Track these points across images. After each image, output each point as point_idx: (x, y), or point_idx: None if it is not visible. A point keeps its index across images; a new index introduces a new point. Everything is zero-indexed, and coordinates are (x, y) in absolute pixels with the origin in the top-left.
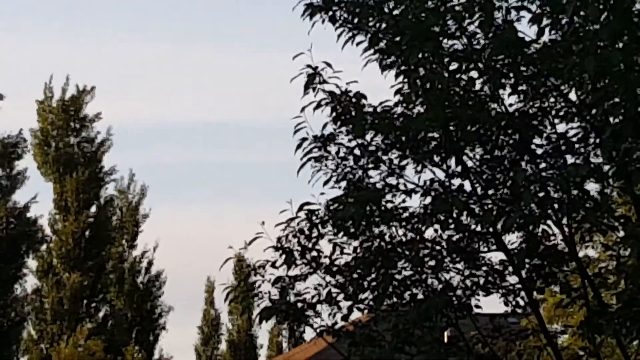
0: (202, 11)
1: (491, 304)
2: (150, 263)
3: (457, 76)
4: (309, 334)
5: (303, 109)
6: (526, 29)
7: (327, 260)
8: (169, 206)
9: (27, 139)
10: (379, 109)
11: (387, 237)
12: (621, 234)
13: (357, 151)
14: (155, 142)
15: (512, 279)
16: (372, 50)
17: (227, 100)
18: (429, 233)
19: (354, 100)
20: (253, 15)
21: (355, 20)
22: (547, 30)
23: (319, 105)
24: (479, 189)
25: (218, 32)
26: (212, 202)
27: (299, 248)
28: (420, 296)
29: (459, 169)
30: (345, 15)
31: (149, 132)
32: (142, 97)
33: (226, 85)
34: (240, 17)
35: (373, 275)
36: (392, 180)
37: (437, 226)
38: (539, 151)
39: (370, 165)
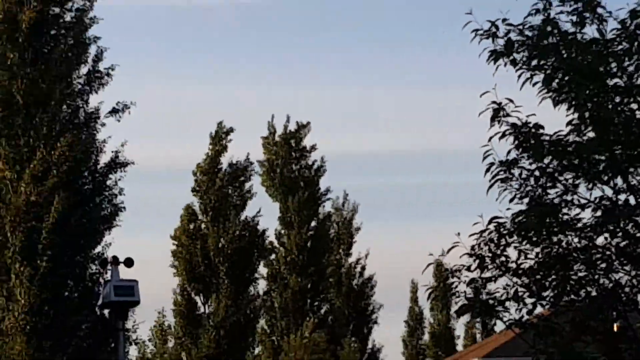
0: (387, 58)
1: None
2: (363, 268)
3: (620, 108)
4: (499, 326)
5: (490, 139)
6: None
7: (513, 265)
8: (377, 221)
9: (253, 162)
10: (554, 138)
11: (564, 244)
12: None
13: (536, 173)
14: (363, 168)
15: None
16: (546, 90)
17: (418, 130)
18: (600, 240)
19: (533, 130)
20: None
21: (533, 63)
22: None
23: (503, 135)
24: None
25: (403, 76)
26: (413, 217)
27: (490, 254)
28: (593, 293)
29: (624, 186)
30: (526, 56)
31: (357, 159)
32: (348, 131)
33: (418, 118)
34: (422, 61)
35: (553, 277)
36: (567, 197)
37: (606, 235)
38: None
39: (548, 185)
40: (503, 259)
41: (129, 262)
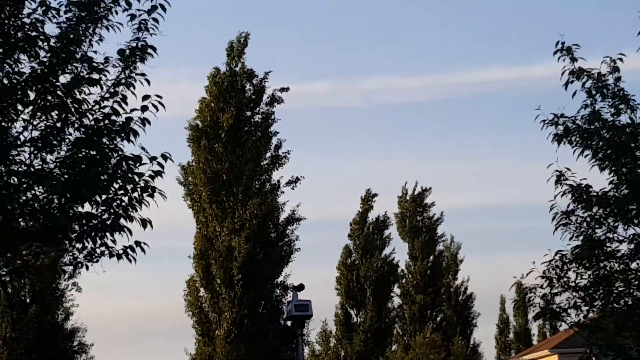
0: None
1: None
2: (466, 288)
3: None
4: (563, 327)
5: (555, 196)
6: None
7: (573, 284)
8: (476, 254)
9: (389, 217)
10: (599, 193)
11: (608, 268)
12: None
13: (588, 219)
14: (468, 216)
15: None
16: (594, 160)
17: (507, 189)
18: (634, 265)
19: (584, 189)
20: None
21: (585, 141)
22: None
23: (564, 194)
24: None
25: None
26: (501, 251)
27: (556, 276)
28: (630, 303)
29: None
30: (578, 139)
31: (465, 210)
32: (458, 190)
33: (507, 181)
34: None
35: (600, 291)
36: (609, 235)
37: (638, 261)
38: None
39: (596, 227)
40: (565, 279)
41: (300, 287)
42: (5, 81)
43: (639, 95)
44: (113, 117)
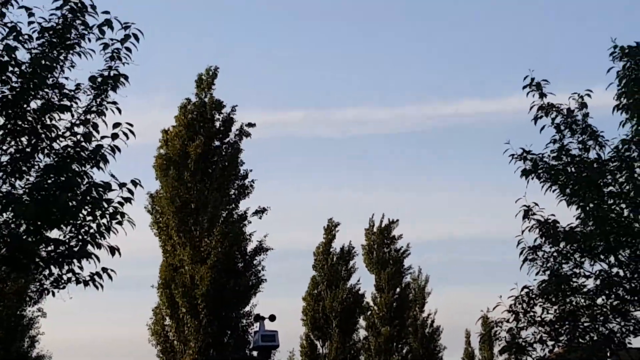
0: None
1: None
2: (432, 321)
3: (612, 208)
4: None
5: (523, 231)
6: None
7: (539, 318)
8: (443, 287)
9: (354, 247)
10: (567, 229)
11: (574, 304)
12: None
13: (554, 254)
14: (434, 249)
15: None
16: (561, 195)
17: (473, 222)
18: (599, 301)
19: (552, 224)
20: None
21: (552, 177)
22: None
23: (531, 229)
24: (628, 273)
25: (467, 185)
26: (468, 284)
27: (522, 311)
28: (595, 338)
29: (616, 262)
30: (546, 175)
31: (431, 243)
32: (424, 223)
33: (474, 214)
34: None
35: (566, 326)
36: (576, 270)
37: (603, 297)
38: None
39: (563, 262)
40: (532, 314)
41: (272, 318)
42: None
43: (608, 131)
44: (83, 144)
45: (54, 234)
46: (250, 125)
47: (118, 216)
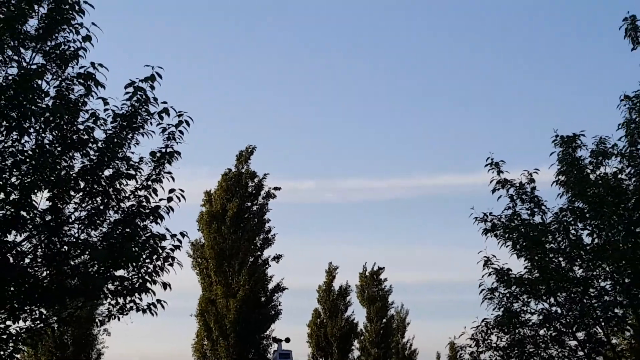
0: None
1: None
2: (411, 345)
3: (553, 260)
4: None
5: (483, 277)
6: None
7: (495, 345)
8: (420, 319)
9: (350, 285)
10: (517, 275)
11: (521, 334)
12: None
13: (507, 295)
14: (416, 289)
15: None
16: (513, 249)
17: (446, 268)
18: (542, 332)
19: (506, 271)
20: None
21: (506, 235)
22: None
23: (490, 275)
24: (564, 311)
25: (440, 238)
26: (440, 316)
27: (482, 338)
28: None
29: (555, 302)
30: (502, 232)
31: (413, 284)
32: (411, 269)
33: (445, 263)
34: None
35: (515, 351)
36: (524, 308)
37: (545, 329)
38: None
39: (514, 301)
40: (489, 341)
41: (287, 340)
42: (62, 173)
43: (550, 200)
44: (145, 204)
45: (120, 272)
46: (277, 188)
47: (170, 259)
